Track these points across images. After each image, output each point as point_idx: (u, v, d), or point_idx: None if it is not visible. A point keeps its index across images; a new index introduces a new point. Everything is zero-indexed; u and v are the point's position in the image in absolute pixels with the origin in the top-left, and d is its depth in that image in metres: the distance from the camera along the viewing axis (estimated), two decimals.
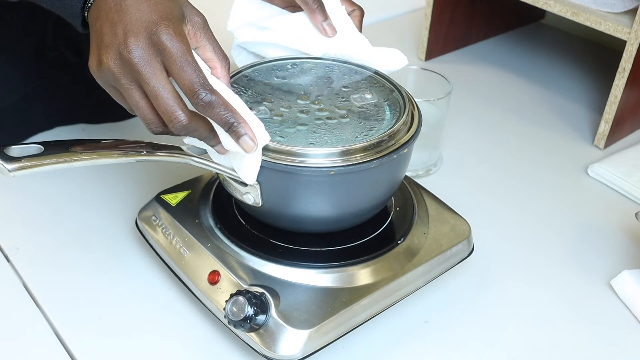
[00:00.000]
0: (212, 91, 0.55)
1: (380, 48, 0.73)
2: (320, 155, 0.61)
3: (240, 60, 0.77)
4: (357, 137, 0.64)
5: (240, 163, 0.60)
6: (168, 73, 0.56)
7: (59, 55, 0.91)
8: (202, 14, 0.60)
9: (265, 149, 0.60)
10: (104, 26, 0.56)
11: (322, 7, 0.71)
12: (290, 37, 0.73)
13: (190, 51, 0.56)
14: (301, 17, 0.73)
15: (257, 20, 0.74)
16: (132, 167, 0.88)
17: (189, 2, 0.61)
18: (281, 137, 0.63)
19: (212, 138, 0.59)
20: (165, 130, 0.58)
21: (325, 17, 0.71)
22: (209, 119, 0.57)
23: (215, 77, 0.60)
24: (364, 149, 0.62)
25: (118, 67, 0.55)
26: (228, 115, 0.56)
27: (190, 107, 0.57)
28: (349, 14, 0.74)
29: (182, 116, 0.55)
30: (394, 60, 0.73)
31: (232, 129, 0.57)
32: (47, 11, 0.64)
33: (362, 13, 0.75)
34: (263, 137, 0.58)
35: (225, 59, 0.60)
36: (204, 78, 0.55)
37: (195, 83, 0.55)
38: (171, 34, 0.55)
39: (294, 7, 0.74)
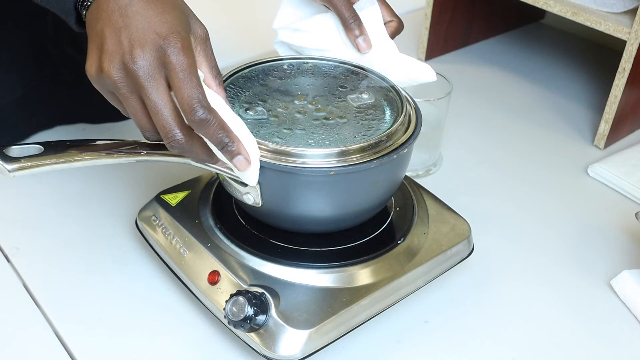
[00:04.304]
0: (209, 109, 0.55)
1: (410, 59, 0.71)
2: (317, 156, 0.61)
3: (283, 52, 0.78)
4: (355, 137, 0.64)
5: None
6: (170, 87, 0.55)
7: (61, 52, 0.91)
8: (204, 26, 0.59)
9: (264, 149, 0.61)
10: (106, 30, 0.55)
11: (358, 23, 0.70)
12: (324, 41, 0.73)
13: (194, 66, 0.55)
14: (337, 21, 0.73)
15: (298, 20, 0.74)
16: (132, 167, 0.88)
17: (193, 12, 0.59)
18: (279, 138, 0.63)
19: (209, 160, 0.59)
20: (161, 139, 0.58)
21: (361, 32, 0.70)
22: (204, 137, 0.57)
23: (212, 92, 0.59)
24: (362, 150, 0.62)
25: (120, 77, 0.54)
26: (222, 135, 0.56)
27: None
28: (386, 23, 0.72)
29: (179, 135, 0.55)
30: (422, 74, 0.71)
31: (226, 149, 0.57)
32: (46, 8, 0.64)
33: (400, 26, 0.73)
34: (255, 154, 0.59)
35: (219, 76, 0.59)
36: (203, 95, 0.54)
37: (193, 99, 0.54)
38: (178, 47, 0.54)
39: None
